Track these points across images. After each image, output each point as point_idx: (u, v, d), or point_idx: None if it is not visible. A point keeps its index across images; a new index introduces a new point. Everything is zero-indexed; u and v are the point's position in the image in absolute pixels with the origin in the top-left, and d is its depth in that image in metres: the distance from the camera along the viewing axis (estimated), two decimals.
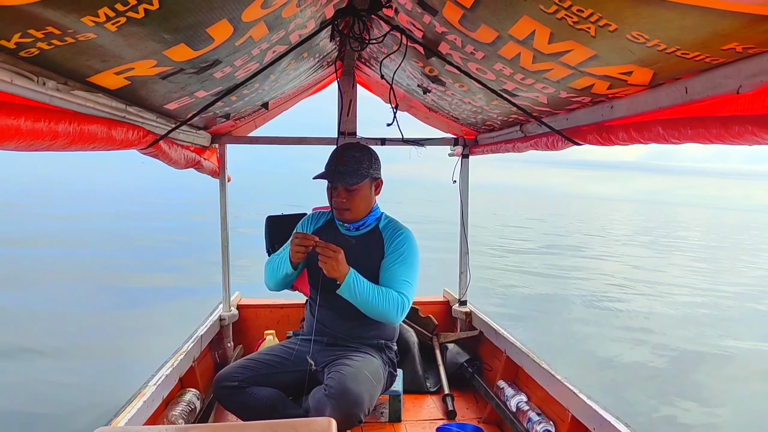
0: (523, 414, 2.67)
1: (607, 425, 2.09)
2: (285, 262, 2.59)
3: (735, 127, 1.27)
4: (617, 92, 1.77)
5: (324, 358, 2.57)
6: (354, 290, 2.42)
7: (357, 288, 2.42)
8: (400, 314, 2.49)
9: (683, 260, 21.42)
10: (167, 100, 2.02)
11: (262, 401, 2.47)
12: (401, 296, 2.49)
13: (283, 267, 2.61)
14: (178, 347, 2.99)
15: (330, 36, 2.41)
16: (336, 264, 2.39)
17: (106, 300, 9.95)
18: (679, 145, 1.56)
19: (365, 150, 2.61)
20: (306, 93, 3.75)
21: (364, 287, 2.44)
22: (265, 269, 2.76)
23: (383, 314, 2.48)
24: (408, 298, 2.52)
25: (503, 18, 1.48)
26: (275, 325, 3.72)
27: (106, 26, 1.13)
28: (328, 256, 2.38)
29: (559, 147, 2.38)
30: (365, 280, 2.46)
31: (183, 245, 17.18)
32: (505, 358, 3.13)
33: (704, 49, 1.23)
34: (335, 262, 2.38)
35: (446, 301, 4.11)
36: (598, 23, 1.24)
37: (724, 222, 56.56)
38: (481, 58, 1.90)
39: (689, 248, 27.29)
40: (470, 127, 3.54)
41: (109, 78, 1.53)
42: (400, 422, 2.97)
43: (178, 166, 2.77)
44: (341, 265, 2.40)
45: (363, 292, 2.43)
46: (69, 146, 1.48)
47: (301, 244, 2.46)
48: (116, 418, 2.08)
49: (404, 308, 2.50)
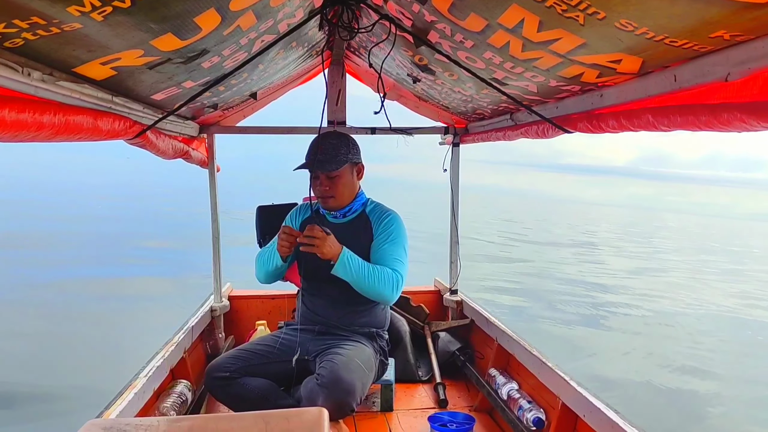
0: (514, 402, 2.69)
1: (596, 412, 2.11)
2: (274, 254, 2.59)
3: (724, 114, 1.27)
4: (606, 80, 1.77)
5: (316, 348, 2.57)
6: (349, 267, 2.42)
7: (351, 265, 2.43)
8: (395, 291, 2.50)
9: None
10: (154, 90, 2.00)
11: (253, 392, 2.47)
12: (395, 272, 2.50)
13: (273, 260, 2.62)
14: (169, 338, 2.98)
15: (319, 25, 2.39)
16: (324, 245, 2.38)
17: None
18: (668, 132, 1.57)
19: (342, 136, 2.62)
20: (295, 83, 3.72)
21: (359, 264, 2.45)
22: (256, 262, 2.76)
23: (379, 291, 2.48)
24: (401, 275, 2.53)
25: (492, 6, 1.48)
26: (267, 316, 3.71)
27: (92, 16, 1.11)
28: (317, 237, 2.38)
29: (550, 135, 2.38)
30: (359, 258, 2.47)
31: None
32: (497, 346, 3.15)
33: (692, 37, 1.24)
34: (323, 244, 2.38)
35: (437, 290, 4.13)
36: (586, 11, 1.24)
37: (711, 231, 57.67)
38: (471, 47, 1.90)
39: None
40: (460, 115, 3.53)
41: (95, 68, 1.51)
42: (392, 411, 2.98)
43: (166, 157, 2.75)
44: (333, 246, 2.41)
45: (357, 269, 2.43)
46: (54, 137, 1.47)
47: (286, 240, 2.48)
48: (107, 410, 2.08)
49: (398, 285, 2.51)
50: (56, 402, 5.70)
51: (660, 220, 71.79)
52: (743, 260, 27.04)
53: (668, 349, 9.30)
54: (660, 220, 71.79)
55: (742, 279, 19.15)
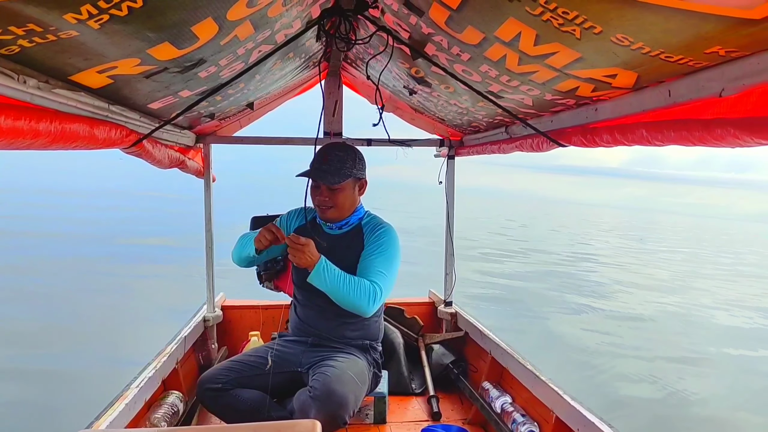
0: (508, 415, 2.68)
1: (591, 426, 2.10)
2: (250, 243, 2.59)
3: (717, 129, 1.28)
4: (601, 95, 1.78)
5: (309, 360, 2.55)
6: (323, 277, 2.39)
7: (326, 275, 2.40)
8: (372, 304, 2.45)
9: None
10: (151, 99, 2.00)
11: (246, 403, 2.46)
12: (373, 285, 2.46)
13: (248, 248, 2.62)
14: (161, 349, 2.96)
15: (316, 36, 2.40)
16: (303, 254, 2.37)
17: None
18: (662, 147, 1.58)
19: (349, 150, 2.60)
20: (292, 93, 3.73)
21: (334, 275, 2.41)
22: (236, 243, 2.78)
23: (353, 303, 2.43)
24: (381, 288, 2.48)
25: (489, 19, 1.49)
26: (260, 327, 3.69)
27: (89, 24, 1.11)
28: (296, 248, 2.37)
29: (544, 149, 2.39)
30: (337, 269, 2.43)
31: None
32: (491, 359, 3.14)
33: (688, 53, 1.25)
34: (302, 253, 2.36)
35: (432, 302, 4.12)
36: (583, 25, 1.25)
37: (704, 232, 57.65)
38: (467, 60, 1.90)
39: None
40: (456, 128, 3.55)
41: (91, 76, 1.51)
42: (385, 424, 2.96)
43: (162, 166, 2.75)
44: (311, 255, 2.38)
45: (332, 279, 2.40)
46: (50, 145, 1.46)
47: (267, 237, 2.47)
48: (97, 421, 2.06)
49: (376, 298, 2.45)
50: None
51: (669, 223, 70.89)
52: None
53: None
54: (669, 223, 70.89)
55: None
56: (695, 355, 9.03)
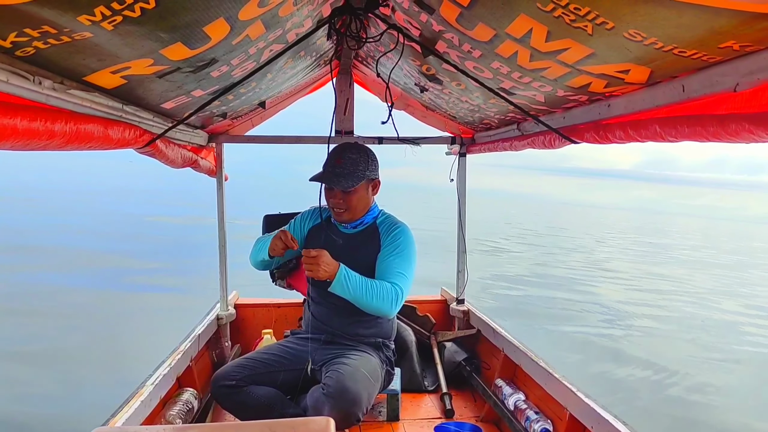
0: (521, 412, 2.68)
1: (605, 423, 2.09)
2: (265, 248, 2.63)
3: (732, 125, 1.27)
4: (614, 90, 1.77)
5: (322, 357, 2.56)
6: (346, 286, 2.41)
7: (348, 283, 2.42)
8: (394, 306, 2.48)
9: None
10: (164, 99, 2.01)
11: (259, 400, 2.47)
12: (395, 287, 2.47)
13: (263, 252, 2.66)
14: (176, 347, 2.98)
15: (327, 35, 2.41)
16: (318, 267, 2.37)
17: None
18: (676, 143, 1.56)
19: (362, 151, 2.61)
20: (303, 92, 3.74)
21: (356, 282, 2.43)
22: (253, 246, 2.81)
23: (377, 307, 2.46)
24: (402, 289, 2.50)
25: (500, 16, 1.48)
26: (273, 324, 3.71)
27: (103, 25, 1.12)
28: (310, 263, 2.38)
29: (557, 145, 2.38)
30: (357, 275, 2.45)
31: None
32: (503, 356, 3.13)
33: (701, 47, 1.23)
34: (317, 266, 2.37)
35: (444, 300, 4.11)
36: (595, 21, 1.24)
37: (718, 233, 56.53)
38: (479, 57, 1.90)
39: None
40: (467, 125, 3.54)
41: (105, 77, 1.52)
42: (398, 421, 2.97)
43: (175, 165, 2.77)
44: (328, 266, 2.39)
45: (355, 287, 2.42)
46: (65, 146, 1.48)
47: (279, 244, 2.54)
48: (113, 418, 2.08)
49: (398, 300, 2.48)
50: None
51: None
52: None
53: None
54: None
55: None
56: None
